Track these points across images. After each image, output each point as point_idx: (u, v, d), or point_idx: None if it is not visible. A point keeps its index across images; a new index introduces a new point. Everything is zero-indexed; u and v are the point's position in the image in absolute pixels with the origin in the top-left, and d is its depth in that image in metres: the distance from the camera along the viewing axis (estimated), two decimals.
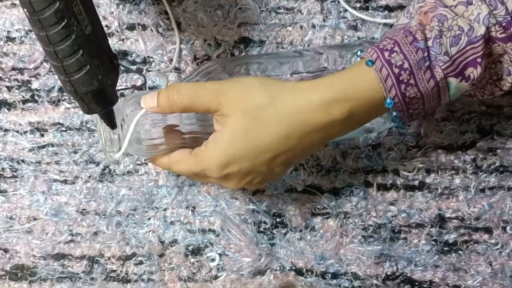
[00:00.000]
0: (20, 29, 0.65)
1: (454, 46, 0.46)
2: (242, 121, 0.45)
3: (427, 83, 0.46)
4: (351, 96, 0.46)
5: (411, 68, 0.46)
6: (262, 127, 0.45)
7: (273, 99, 0.45)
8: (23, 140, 0.64)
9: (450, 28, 0.46)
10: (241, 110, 0.45)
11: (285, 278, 0.63)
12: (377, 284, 0.63)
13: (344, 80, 0.46)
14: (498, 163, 0.65)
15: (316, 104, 0.45)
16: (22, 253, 0.63)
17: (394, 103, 0.46)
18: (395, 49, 0.46)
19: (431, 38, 0.46)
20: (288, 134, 0.46)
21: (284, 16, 0.66)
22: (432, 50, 0.46)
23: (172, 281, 0.63)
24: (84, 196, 0.64)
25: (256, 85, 0.46)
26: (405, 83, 0.46)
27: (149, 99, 0.48)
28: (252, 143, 0.46)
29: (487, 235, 0.64)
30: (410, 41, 0.46)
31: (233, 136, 0.46)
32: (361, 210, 0.64)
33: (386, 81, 0.46)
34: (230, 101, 0.46)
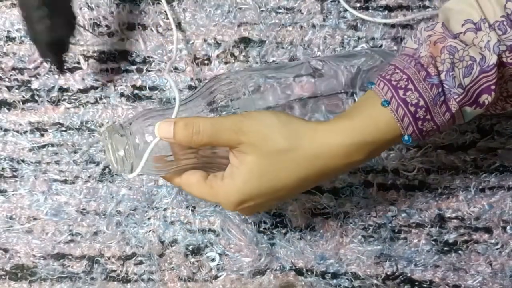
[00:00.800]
0: (20, 29, 0.65)
1: (467, 76, 0.46)
2: (261, 163, 0.45)
3: (443, 116, 0.46)
4: (370, 140, 0.46)
5: (427, 105, 0.45)
6: (281, 170, 0.46)
7: (293, 142, 0.45)
8: (23, 140, 0.64)
9: (461, 59, 0.46)
10: (261, 152, 0.45)
11: (285, 278, 0.63)
12: (377, 284, 0.63)
13: (363, 123, 0.46)
14: (498, 163, 0.65)
15: (337, 150, 0.46)
16: (22, 253, 0.63)
17: (411, 138, 0.47)
18: (409, 86, 0.46)
19: (443, 71, 0.46)
20: (306, 176, 0.46)
21: (284, 16, 0.66)
22: (445, 84, 0.46)
23: (172, 281, 0.63)
24: (84, 196, 0.64)
25: (276, 126, 0.46)
26: (422, 119, 0.46)
27: (164, 128, 0.47)
28: (269, 183, 0.46)
29: (487, 235, 0.64)
30: (423, 76, 0.46)
31: (251, 175, 0.46)
32: (361, 210, 0.64)
33: (403, 120, 0.46)
34: (250, 141, 0.45)
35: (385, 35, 0.66)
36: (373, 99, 0.47)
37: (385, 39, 0.66)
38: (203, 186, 0.49)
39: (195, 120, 0.46)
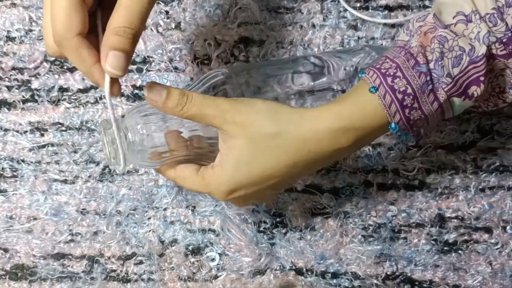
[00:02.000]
0: (20, 28, 0.65)
1: (456, 66, 0.46)
2: (249, 148, 0.45)
3: (431, 106, 0.46)
4: (357, 125, 0.46)
5: (414, 93, 0.46)
6: (269, 155, 0.46)
7: (280, 127, 0.45)
8: (23, 139, 0.64)
9: (451, 49, 0.46)
10: (248, 137, 0.45)
11: (285, 277, 0.63)
12: (377, 283, 0.63)
13: (350, 109, 0.46)
14: (498, 162, 0.65)
15: (323, 134, 0.46)
16: (22, 252, 0.63)
17: (398, 127, 0.47)
18: (397, 74, 0.46)
19: (432, 61, 0.46)
20: (294, 162, 0.46)
21: (284, 16, 0.66)
22: (434, 73, 0.46)
23: (172, 280, 0.63)
24: (84, 196, 0.64)
25: (265, 112, 0.46)
26: (409, 107, 0.46)
27: (156, 92, 0.45)
28: (258, 170, 0.46)
29: (487, 234, 0.64)
30: (412, 65, 0.46)
31: (239, 162, 0.46)
32: (361, 210, 0.64)
33: (390, 107, 0.46)
34: (237, 124, 0.45)
35: (385, 35, 0.66)
36: (362, 86, 0.47)
37: (385, 39, 0.66)
38: (195, 178, 0.49)
39: (189, 92, 0.46)
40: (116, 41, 0.41)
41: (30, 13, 0.65)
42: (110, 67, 0.41)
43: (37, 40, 0.65)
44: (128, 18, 0.41)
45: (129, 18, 0.41)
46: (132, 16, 0.41)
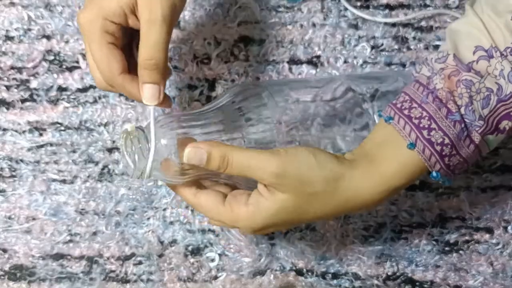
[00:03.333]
0: (19, 28, 0.65)
1: (486, 107, 0.46)
2: (294, 202, 0.45)
3: (468, 149, 0.47)
4: (399, 185, 0.47)
5: (452, 143, 0.46)
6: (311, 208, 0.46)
7: (328, 187, 0.45)
8: (21, 139, 0.64)
9: (478, 91, 0.46)
10: (295, 194, 0.45)
11: (285, 278, 0.63)
12: (378, 284, 0.63)
13: (391, 170, 0.46)
14: (499, 162, 0.64)
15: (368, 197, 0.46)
16: (21, 253, 0.63)
17: (440, 175, 0.47)
18: (432, 126, 0.46)
19: (462, 106, 0.46)
20: (332, 215, 0.48)
21: (284, 15, 0.66)
22: (466, 118, 0.46)
23: (172, 281, 0.63)
24: (83, 196, 0.63)
25: (314, 167, 0.45)
26: (448, 156, 0.46)
27: (196, 158, 0.45)
28: (296, 218, 0.47)
29: (488, 235, 0.64)
30: (444, 114, 0.46)
31: (280, 211, 0.46)
32: None
33: (430, 159, 0.46)
34: (286, 184, 0.45)
35: (386, 34, 0.66)
36: (396, 139, 0.47)
37: (385, 38, 0.65)
38: (221, 209, 0.47)
39: (230, 153, 0.45)
40: (144, 75, 0.46)
41: (29, 12, 0.65)
42: (145, 100, 0.47)
43: (35, 39, 0.65)
44: (148, 51, 0.46)
45: (149, 51, 0.46)
46: (152, 48, 0.46)
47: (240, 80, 0.65)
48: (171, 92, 0.64)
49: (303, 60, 0.65)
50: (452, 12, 0.65)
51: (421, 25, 0.66)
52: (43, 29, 0.65)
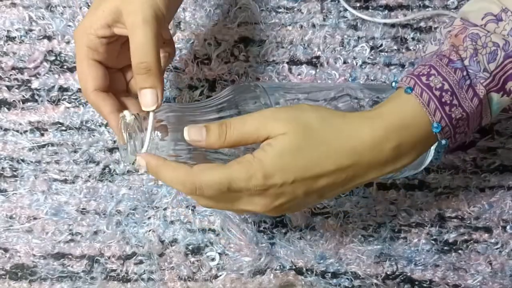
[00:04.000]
0: (20, 28, 0.65)
1: (492, 62, 0.45)
2: (294, 140, 0.43)
3: (471, 102, 0.45)
4: (398, 126, 0.44)
5: (452, 89, 0.44)
6: (312, 147, 0.44)
7: (324, 124, 0.44)
8: (23, 139, 0.64)
9: (484, 46, 0.45)
10: (293, 128, 0.43)
11: (285, 277, 0.63)
12: (377, 283, 0.63)
13: (388, 112, 0.45)
14: (498, 162, 0.65)
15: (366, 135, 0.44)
16: (22, 252, 0.63)
17: (441, 127, 0.45)
18: (431, 72, 0.45)
19: (466, 58, 0.45)
20: (335, 159, 0.44)
21: (284, 16, 0.66)
22: (470, 69, 0.45)
23: (172, 280, 0.63)
24: (84, 196, 0.64)
25: (307, 108, 0.45)
26: (449, 105, 0.44)
27: (195, 132, 0.44)
28: (300, 159, 0.43)
29: (487, 234, 0.64)
30: (445, 63, 0.45)
31: (283, 151, 0.43)
32: (361, 210, 0.64)
33: (429, 105, 0.44)
34: (282, 122, 0.43)
35: (385, 35, 0.66)
36: (398, 92, 0.46)
37: (385, 38, 0.66)
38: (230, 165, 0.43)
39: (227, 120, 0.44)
40: (138, 81, 0.46)
41: (30, 12, 0.65)
42: (143, 106, 0.46)
43: (37, 39, 0.65)
44: (136, 55, 0.45)
45: (137, 55, 0.45)
46: (139, 51, 0.45)
47: (240, 80, 0.65)
48: (171, 92, 0.65)
49: (302, 61, 0.66)
50: (451, 12, 0.65)
51: (420, 26, 0.66)
52: (44, 30, 0.65)
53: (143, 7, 0.45)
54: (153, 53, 0.45)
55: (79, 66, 0.49)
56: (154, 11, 0.46)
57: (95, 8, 0.48)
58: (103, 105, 0.49)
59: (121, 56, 0.51)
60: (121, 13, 0.46)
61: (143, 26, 0.45)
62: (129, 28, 0.46)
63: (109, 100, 0.49)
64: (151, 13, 0.45)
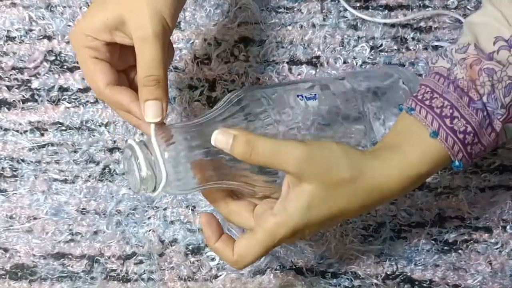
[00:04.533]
0: (20, 28, 0.65)
1: (507, 96, 0.46)
2: (321, 193, 0.44)
3: (489, 137, 0.47)
4: (424, 172, 0.46)
5: (474, 131, 0.46)
6: (341, 200, 0.45)
7: (355, 172, 0.45)
8: (23, 139, 0.64)
9: (500, 80, 0.46)
10: (322, 182, 0.44)
11: (285, 277, 0.63)
12: (377, 283, 0.63)
13: (416, 158, 0.46)
14: (498, 162, 0.65)
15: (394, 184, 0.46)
16: (22, 252, 0.63)
17: (462, 163, 0.47)
18: (455, 114, 0.46)
19: (484, 94, 0.46)
20: (362, 207, 0.46)
21: (284, 16, 0.66)
22: (488, 106, 0.46)
23: (172, 280, 0.63)
24: (84, 196, 0.64)
25: (340, 155, 0.45)
26: (471, 144, 0.46)
27: (223, 140, 0.44)
28: (326, 213, 0.45)
29: (487, 234, 0.64)
30: (466, 102, 0.46)
31: (310, 206, 0.44)
32: None
33: (453, 148, 0.46)
34: (312, 170, 0.44)
35: (385, 35, 0.66)
36: (418, 129, 0.47)
37: (385, 38, 0.66)
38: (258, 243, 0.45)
39: (256, 139, 0.44)
40: (145, 93, 0.46)
41: (30, 12, 0.65)
42: (147, 118, 0.46)
43: (37, 39, 0.65)
44: (146, 69, 0.46)
45: (146, 69, 0.46)
46: (149, 66, 0.46)
47: (240, 80, 0.65)
48: (171, 92, 0.65)
49: (303, 61, 0.66)
50: (451, 12, 0.65)
51: (420, 26, 0.66)
52: (44, 30, 0.65)
53: (152, 22, 0.45)
54: (162, 67, 0.46)
55: (83, 67, 0.49)
56: (162, 25, 0.46)
57: (96, 10, 0.47)
58: (121, 98, 0.48)
59: (122, 59, 0.50)
60: (124, 23, 0.46)
61: (153, 40, 0.45)
62: (138, 42, 0.46)
63: (126, 91, 0.48)
64: (160, 28, 0.45)
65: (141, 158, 0.45)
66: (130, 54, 0.48)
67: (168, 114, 0.63)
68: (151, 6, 0.45)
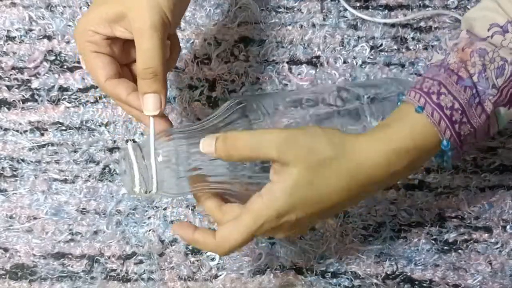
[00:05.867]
0: (20, 28, 0.65)
1: (500, 77, 0.45)
2: (305, 174, 0.44)
3: (479, 118, 0.46)
4: (409, 146, 0.45)
5: (462, 108, 0.45)
6: (325, 179, 0.45)
7: (337, 152, 0.45)
8: (23, 139, 0.64)
9: (492, 61, 0.46)
10: (306, 163, 0.44)
11: (285, 277, 0.63)
12: (377, 283, 0.63)
13: (400, 131, 0.46)
14: (498, 162, 0.65)
15: (378, 159, 0.45)
16: (22, 252, 0.63)
17: (450, 144, 0.46)
18: (442, 91, 0.46)
19: (475, 74, 0.46)
20: (349, 188, 0.45)
21: (284, 15, 0.66)
22: (479, 86, 0.46)
23: (172, 280, 0.63)
24: (84, 195, 0.64)
25: (321, 136, 0.45)
26: (459, 123, 0.46)
27: (207, 143, 0.45)
28: (312, 194, 0.45)
29: (487, 234, 0.64)
30: (455, 80, 0.46)
31: (295, 187, 0.44)
32: (361, 209, 0.64)
33: (439, 124, 0.45)
34: (295, 152, 0.44)
35: (385, 35, 0.66)
36: (407, 108, 0.47)
37: (385, 38, 0.66)
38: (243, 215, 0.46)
39: (233, 134, 0.45)
40: (143, 85, 0.47)
41: (30, 12, 0.65)
42: (145, 110, 0.47)
43: (36, 39, 0.65)
44: (143, 60, 0.46)
45: (143, 60, 0.46)
46: (145, 57, 0.46)
47: (240, 80, 0.65)
48: (171, 92, 0.65)
49: (302, 61, 0.66)
50: (451, 12, 0.65)
51: (420, 26, 0.66)
52: (44, 30, 0.65)
53: (150, 13, 0.46)
54: (159, 59, 0.46)
55: (85, 62, 0.49)
56: (161, 17, 0.46)
57: (96, 6, 0.48)
58: (120, 90, 0.48)
59: (124, 53, 0.51)
60: (124, 17, 0.47)
61: (150, 32, 0.45)
62: (135, 33, 0.46)
63: (124, 83, 0.49)
64: (158, 19, 0.46)
65: (134, 162, 0.46)
66: (133, 48, 0.48)
67: (168, 114, 0.63)
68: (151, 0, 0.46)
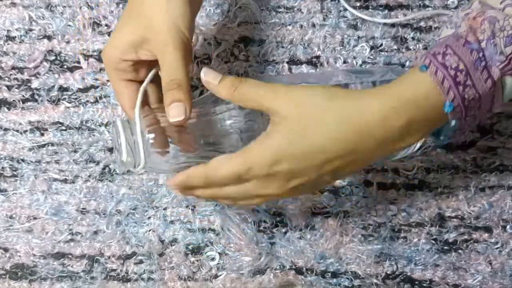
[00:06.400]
0: (20, 28, 0.65)
1: (509, 45, 0.44)
2: (299, 121, 0.44)
3: (485, 83, 0.45)
4: (409, 105, 0.44)
5: (467, 69, 0.44)
6: (318, 128, 0.44)
7: (330, 102, 0.44)
8: (23, 139, 0.64)
9: (502, 29, 0.45)
10: (300, 111, 0.44)
11: (285, 277, 0.63)
12: (377, 283, 0.63)
13: (400, 89, 0.45)
14: (498, 162, 0.65)
15: (373, 113, 0.44)
16: (22, 252, 0.63)
17: (453, 107, 0.45)
18: (447, 51, 0.45)
19: (484, 40, 0.45)
20: (344, 138, 0.44)
21: (284, 15, 0.66)
22: (486, 51, 0.45)
23: (172, 280, 0.63)
24: (84, 195, 0.64)
25: (318, 88, 0.46)
26: (463, 85, 0.44)
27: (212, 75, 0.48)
28: (307, 142, 0.44)
29: (487, 234, 0.64)
30: (462, 43, 0.45)
31: (288, 134, 0.44)
32: (361, 209, 0.64)
33: (443, 84, 0.44)
34: (289, 99, 0.45)
35: (385, 35, 0.66)
36: (412, 70, 0.46)
37: (385, 38, 0.66)
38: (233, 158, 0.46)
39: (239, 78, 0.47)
40: (167, 96, 0.48)
41: (30, 12, 0.65)
42: (172, 118, 0.47)
43: (36, 39, 0.65)
44: (166, 73, 0.48)
45: (167, 73, 0.48)
46: (169, 69, 0.48)
47: None
48: None
49: (302, 61, 0.66)
50: (451, 12, 0.65)
51: (420, 26, 0.66)
52: (44, 29, 0.65)
53: (172, 36, 0.48)
54: (183, 71, 0.48)
55: (114, 87, 0.52)
56: (181, 38, 0.48)
57: (122, 33, 0.50)
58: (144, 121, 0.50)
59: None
60: (147, 41, 0.49)
61: (173, 52, 0.48)
62: (160, 55, 0.49)
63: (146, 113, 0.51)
64: (179, 40, 0.48)
65: (122, 134, 0.48)
66: None
67: None
68: (170, 23, 0.48)
